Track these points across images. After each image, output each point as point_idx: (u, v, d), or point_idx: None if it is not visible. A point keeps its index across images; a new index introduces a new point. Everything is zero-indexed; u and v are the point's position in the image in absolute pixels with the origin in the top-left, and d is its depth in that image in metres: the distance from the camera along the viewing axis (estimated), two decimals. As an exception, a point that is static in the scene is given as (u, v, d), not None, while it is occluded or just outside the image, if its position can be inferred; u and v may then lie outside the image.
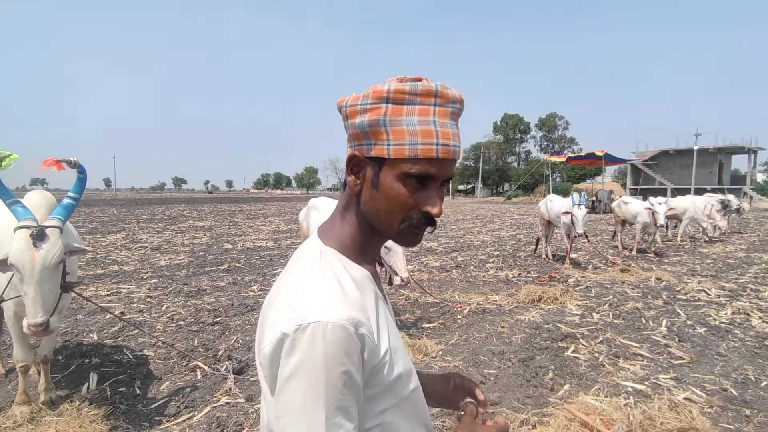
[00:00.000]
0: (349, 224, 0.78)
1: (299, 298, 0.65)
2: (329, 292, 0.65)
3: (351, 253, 0.76)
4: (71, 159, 2.44)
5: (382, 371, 0.68)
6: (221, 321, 4.71)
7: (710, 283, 6.60)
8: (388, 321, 0.75)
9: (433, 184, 0.70)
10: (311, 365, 0.58)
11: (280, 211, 24.94)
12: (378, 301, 0.74)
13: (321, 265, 0.71)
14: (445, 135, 0.68)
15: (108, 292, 5.81)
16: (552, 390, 3.20)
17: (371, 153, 0.71)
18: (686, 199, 11.69)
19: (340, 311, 0.62)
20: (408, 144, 0.68)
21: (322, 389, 0.58)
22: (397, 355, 0.72)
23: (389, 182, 0.70)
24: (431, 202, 0.70)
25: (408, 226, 0.72)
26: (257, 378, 3.00)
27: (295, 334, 0.59)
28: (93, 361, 3.66)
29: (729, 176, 45.74)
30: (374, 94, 0.70)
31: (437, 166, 0.69)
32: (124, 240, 11.16)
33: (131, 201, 39.27)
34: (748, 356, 3.84)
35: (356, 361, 0.61)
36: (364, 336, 0.63)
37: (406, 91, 0.68)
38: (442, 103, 0.69)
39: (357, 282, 0.71)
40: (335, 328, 0.60)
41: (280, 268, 6.25)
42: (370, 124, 0.70)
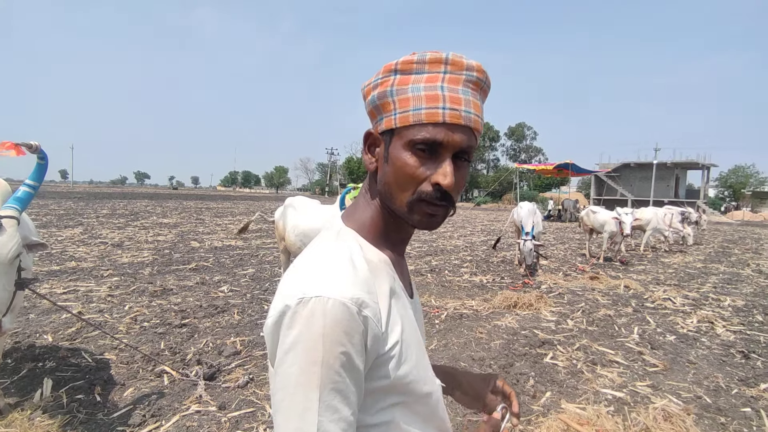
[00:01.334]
0: (369, 205, 0.74)
1: (305, 272, 0.63)
2: (336, 268, 0.62)
3: (370, 236, 0.72)
4: (32, 143, 2.21)
5: (388, 364, 0.63)
6: (189, 323, 4.46)
7: (675, 292, 6.83)
8: (405, 313, 0.69)
9: (444, 153, 0.65)
10: (308, 340, 0.56)
11: (248, 210, 24.31)
12: (395, 289, 0.69)
13: (335, 244, 0.68)
14: (454, 99, 0.64)
15: (64, 290, 5.43)
16: (534, 397, 3.18)
17: (382, 126, 0.68)
18: (649, 210, 12.15)
19: (344, 289, 0.59)
20: (412, 110, 0.64)
21: (317, 367, 0.56)
22: (409, 351, 0.67)
23: (397, 153, 0.66)
24: (441, 172, 0.64)
25: (418, 200, 0.66)
26: (229, 385, 2.82)
27: (297, 308, 0.58)
28: (47, 365, 3.36)
29: (684, 190, 48.15)
30: (384, 69, 0.68)
31: (445, 132, 0.64)
32: (82, 235, 10.55)
33: (90, 194, 37.43)
34: (717, 364, 3.96)
35: (357, 343, 0.58)
36: (367, 319, 0.59)
37: (413, 60, 0.65)
38: (453, 71, 0.65)
39: (372, 264, 0.67)
40: (336, 305, 0.57)
41: (251, 268, 6.06)
42: (379, 97, 0.67)
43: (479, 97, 0.67)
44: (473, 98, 0.66)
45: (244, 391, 3.09)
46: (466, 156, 0.67)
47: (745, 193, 58.49)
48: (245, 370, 3.42)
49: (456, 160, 0.66)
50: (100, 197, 32.45)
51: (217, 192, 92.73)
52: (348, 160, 75.89)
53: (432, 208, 0.66)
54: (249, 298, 5.54)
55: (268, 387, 3.15)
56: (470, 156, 0.68)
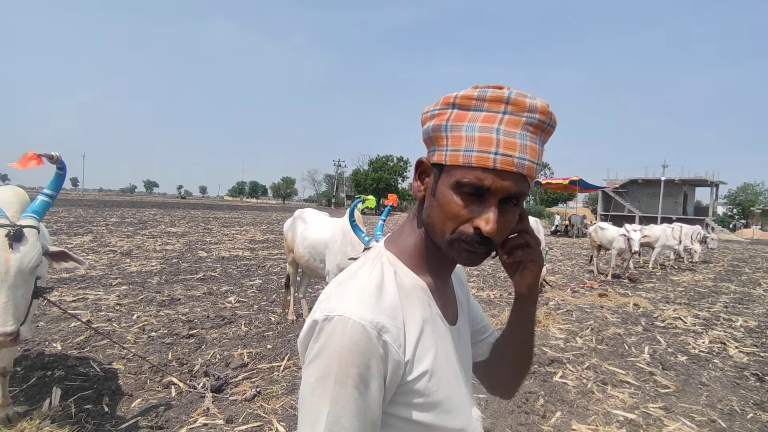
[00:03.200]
0: (414, 232, 0.75)
1: (337, 291, 0.65)
2: (363, 290, 0.64)
3: (410, 261, 0.72)
4: (53, 154, 2.25)
5: (413, 393, 0.63)
6: (197, 333, 4.47)
7: (685, 311, 6.74)
8: (440, 341, 0.69)
9: (491, 198, 0.63)
10: (326, 356, 0.59)
11: (255, 221, 24.42)
12: (430, 316, 0.69)
13: (370, 265, 0.70)
14: (509, 145, 0.62)
15: (73, 298, 5.46)
16: (544, 417, 3.14)
17: (433, 159, 0.68)
18: (659, 228, 12.05)
19: (366, 312, 0.60)
20: (463, 150, 0.63)
21: (330, 383, 0.58)
22: (441, 381, 0.66)
23: (444, 190, 0.66)
24: (484, 217, 0.63)
25: (458, 240, 0.65)
26: (237, 398, 2.82)
27: (323, 323, 0.60)
28: (56, 373, 3.37)
29: (693, 207, 47.79)
30: (443, 100, 0.67)
31: (494, 177, 0.62)
32: (91, 243, 10.64)
33: (99, 202, 37.82)
34: (730, 386, 3.88)
35: (374, 367, 0.59)
36: (387, 344, 0.60)
37: (474, 96, 0.64)
38: (514, 111, 0.62)
39: (404, 290, 0.68)
40: (355, 327, 0.59)
41: (258, 279, 6.07)
42: (434, 129, 0.67)
43: (539, 139, 0.65)
44: (531, 142, 0.63)
45: (252, 404, 3.08)
46: (515, 201, 0.65)
47: (755, 211, 57.90)
48: (252, 383, 3.41)
49: (503, 204, 0.64)
50: (110, 205, 32.77)
51: (224, 202, 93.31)
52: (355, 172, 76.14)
53: (472, 247, 0.65)
54: (256, 310, 5.54)
55: (275, 401, 3.14)
56: (520, 201, 0.66)
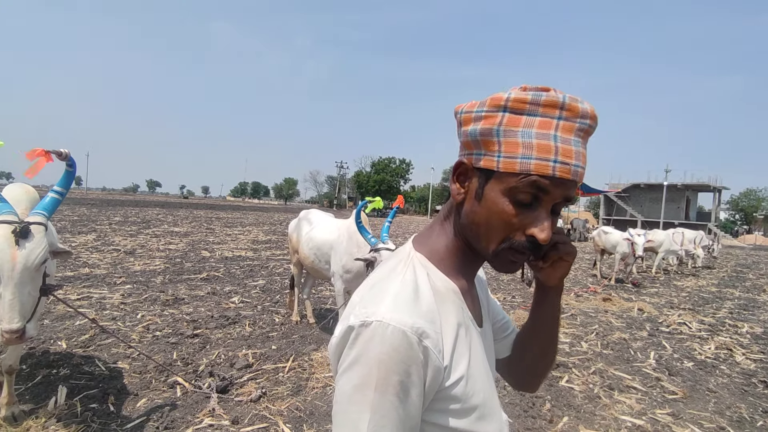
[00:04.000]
0: (445, 234, 0.72)
1: (371, 295, 0.63)
2: (400, 294, 0.61)
3: (442, 264, 0.70)
4: (62, 150, 2.24)
5: (451, 399, 0.62)
6: (201, 333, 4.45)
7: (690, 317, 6.71)
8: (473, 345, 0.68)
9: (544, 205, 0.62)
10: (365, 364, 0.57)
11: (258, 221, 24.43)
12: (463, 319, 0.67)
13: (403, 268, 0.67)
14: (566, 152, 0.60)
15: (78, 297, 5.46)
16: (551, 422, 3.11)
17: (480, 163, 0.65)
18: (663, 233, 12.01)
19: (405, 316, 0.58)
20: (521, 158, 0.61)
21: (370, 391, 0.56)
22: (476, 386, 0.65)
23: (494, 196, 0.63)
24: (539, 225, 0.62)
25: (507, 248, 0.64)
26: (242, 399, 2.80)
27: (359, 329, 0.58)
28: (61, 372, 3.36)
29: (695, 212, 47.66)
30: (491, 102, 0.64)
31: (551, 185, 0.60)
32: (95, 241, 10.65)
33: (103, 201, 37.92)
34: (739, 393, 3.85)
35: (414, 374, 0.57)
36: (427, 350, 0.58)
37: (527, 100, 0.61)
38: (568, 117, 0.61)
39: (439, 293, 0.66)
40: (395, 332, 0.57)
41: (261, 279, 6.05)
42: (483, 133, 0.64)
43: (585, 143, 0.64)
44: (582, 148, 0.62)
45: (257, 405, 3.06)
46: (562, 205, 0.65)
47: (757, 217, 57.74)
48: (257, 383, 3.39)
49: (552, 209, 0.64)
50: (113, 204, 32.84)
51: (226, 202, 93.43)
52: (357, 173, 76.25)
53: (516, 257, 0.64)
54: (260, 310, 5.53)
55: (280, 402, 3.13)
56: (568, 205, 0.66)
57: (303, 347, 4.25)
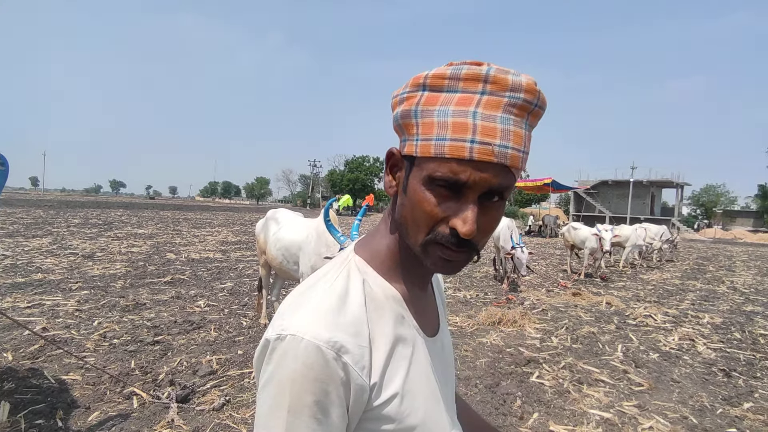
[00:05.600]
0: (388, 234, 0.65)
1: (292, 306, 0.57)
2: (320, 304, 0.55)
3: (383, 267, 0.63)
4: None
5: (381, 420, 0.55)
6: (162, 340, 4.25)
7: (655, 309, 6.89)
8: (415, 358, 0.60)
9: (469, 194, 0.54)
10: (278, 383, 0.51)
11: (228, 221, 23.88)
12: (401, 330, 0.60)
13: (334, 274, 0.60)
14: (487, 130, 0.52)
15: (28, 304, 5.13)
16: (521, 419, 3.10)
17: (404, 150, 0.58)
18: (629, 228, 12.36)
19: (321, 330, 0.52)
20: (435, 139, 0.53)
21: (283, 413, 0.50)
22: (414, 404, 0.57)
23: (415, 185, 0.56)
24: (461, 217, 0.53)
25: (432, 242, 0.56)
26: (204, 408, 2.65)
27: (275, 343, 0.53)
28: (5, 386, 3.12)
29: (660, 207, 49.57)
30: (412, 81, 0.57)
31: (471, 170, 0.52)
32: (50, 245, 10.12)
33: (61, 203, 36.28)
34: (700, 382, 3.95)
35: (332, 393, 0.51)
36: (347, 366, 0.52)
37: (446, 75, 0.54)
38: (493, 91, 0.52)
39: (375, 301, 0.59)
40: (309, 348, 0.51)
41: (229, 282, 5.84)
42: (402, 115, 0.58)
43: (525, 123, 0.54)
44: (515, 127, 0.53)
45: (220, 414, 2.92)
46: (498, 195, 0.56)
47: (716, 212, 60.50)
48: (221, 391, 3.25)
49: (484, 200, 0.55)
50: (73, 206, 31.45)
51: (195, 202, 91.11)
52: (331, 172, 75.71)
53: (448, 253, 0.56)
54: (227, 314, 5.34)
55: (245, 409, 3.00)
56: (505, 195, 0.56)
57: (270, 351, 4.11)
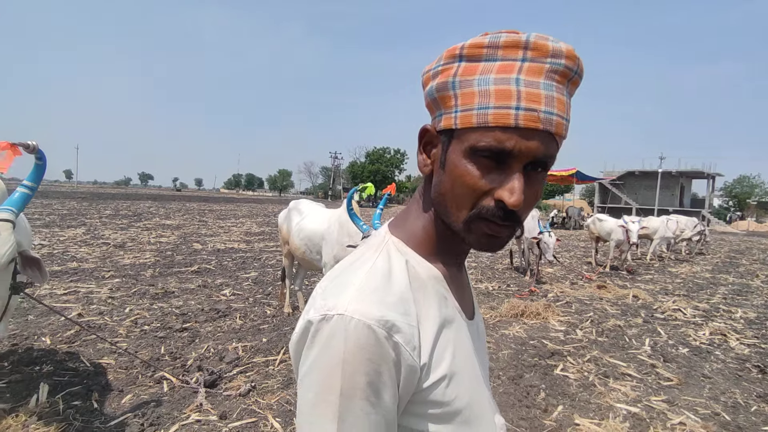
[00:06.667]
0: (422, 214, 0.63)
1: (334, 285, 0.55)
2: (367, 283, 0.53)
3: (421, 248, 0.61)
4: (29, 143, 2.12)
5: (430, 402, 0.54)
6: (191, 327, 4.37)
7: (684, 303, 6.70)
8: (459, 339, 0.59)
9: (514, 164, 0.52)
10: (326, 366, 0.49)
11: (251, 213, 24.27)
12: (447, 310, 0.58)
13: (373, 254, 0.58)
14: (532, 96, 0.50)
15: (64, 291, 5.35)
16: (546, 411, 3.07)
17: (440, 125, 0.56)
18: (657, 219, 12.01)
19: (372, 308, 0.50)
20: (477, 108, 0.52)
21: (335, 397, 0.48)
22: (461, 386, 0.56)
23: (455, 159, 0.54)
24: (507, 187, 0.52)
25: (477, 217, 0.54)
26: (231, 393, 2.72)
27: (318, 325, 0.50)
28: (44, 368, 3.27)
29: (689, 199, 47.91)
30: (447, 53, 0.55)
31: (517, 138, 0.51)
32: (84, 235, 10.49)
33: (93, 195, 37.50)
34: (733, 379, 3.83)
35: (385, 374, 0.49)
36: (399, 346, 0.50)
37: (484, 44, 0.52)
38: (534, 57, 0.51)
39: (417, 281, 0.57)
40: (359, 327, 0.49)
41: (253, 272, 5.95)
42: (438, 88, 0.55)
43: (566, 90, 0.53)
44: (558, 93, 0.52)
45: (246, 399, 3.00)
46: (542, 166, 0.54)
47: (751, 203, 58.12)
48: (247, 377, 3.33)
49: (529, 170, 0.54)
50: (104, 198, 32.50)
51: (220, 194, 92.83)
52: (352, 164, 75.89)
53: (493, 228, 0.55)
54: (251, 303, 5.45)
55: (270, 395, 3.06)
56: (548, 165, 0.55)
57: (294, 339, 4.18)
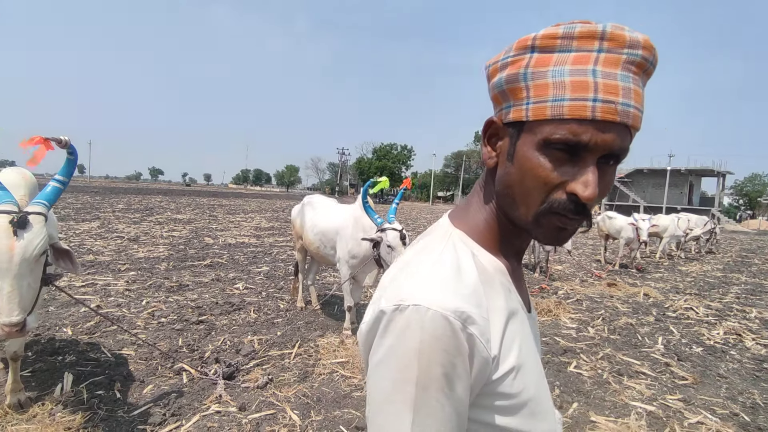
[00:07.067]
0: (484, 207, 0.63)
1: (405, 275, 0.55)
2: (440, 274, 0.53)
3: (484, 241, 0.62)
4: (62, 138, 2.16)
5: (499, 394, 0.54)
6: (206, 320, 4.43)
7: (696, 302, 6.66)
8: (523, 333, 0.59)
9: (588, 157, 0.52)
10: (402, 355, 0.49)
11: (260, 208, 24.40)
12: (512, 303, 0.59)
13: (438, 246, 0.59)
14: (609, 88, 0.50)
15: (83, 284, 5.44)
16: (560, 408, 3.08)
17: (509, 117, 0.56)
18: (667, 217, 11.91)
19: (447, 299, 0.50)
20: (552, 100, 0.51)
21: (410, 387, 0.48)
22: (527, 379, 0.56)
23: (526, 152, 0.54)
24: (582, 180, 0.51)
25: (548, 211, 0.54)
26: (249, 385, 2.76)
27: (392, 315, 0.51)
28: (67, 358, 3.34)
29: (698, 197, 47.41)
30: (518, 44, 0.55)
31: (593, 131, 0.50)
32: (99, 229, 10.62)
33: (106, 189, 37.89)
34: (750, 379, 3.82)
35: (459, 365, 0.49)
36: (473, 338, 0.50)
37: (558, 35, 0.52)
38: (611, 48, 0.50)
39: (485, 274, 0.57)
40: (436, 318, 0.49)
41: (265, 266, 5.99)
42: (508, 80, 0.55)
43: (641, 82, 0.52)
44: (634, 85, 0.51)
45: (264, 392, 3.04)
46: (615, 158, 0.54)
47: (762, 202, 57.36)
48: (264, 370, 3.37)
49: (601, 163, 0.53)
50: (116, 192, 32.83)
51: (228, 189, 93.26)
52: (359, 160, 75.95)
53: (563, 221, 0.54)
54: (264, 296, 5.50)
55: (287, 388, 3.10)
56: (621, 158, 0.54)
57: (308, 333, 4.23)
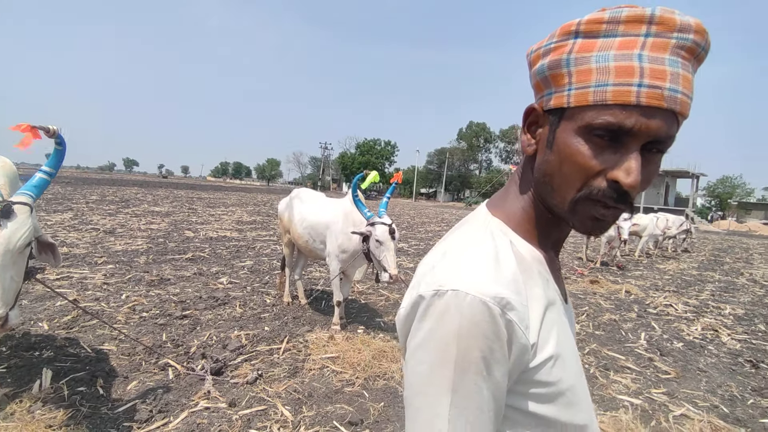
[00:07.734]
0: (522, 195, 0.62)
1: (444, 261, 0.55)
2: (479, 260, 0.53)
3: (521, 229, 0.60)
4: (50, 127, 2.05)
5: (537, 383, 0.53)
6: (190, 315, 4.32)
7: (675, 299, 6.85)
8: (561, 322, 0.58)
9: (632, 143, 0.50)
10: (441, 339, 0.49)
11: (241, 201, 24.02)
12: (550, 292, 0.58)
13: (481, 234, 0.58)
14: (656, 73, 0.48)
15: (57, 277, 5.23)
16: (551, 402, 3.11)
17: (550, 103, 0.54)
18: (646, 217, 12.21)
19: (486, 285, 0.50)
20: (594, 86, 0.49)
21: (449, 371, 0.48)
22: (566, 368, 0.55)
23: (566, 138, 0.52)
24: (624, 167, 0.50)
25: (586, 198, 0.52)
26: (238, 381, 2.68)
27: (431, 300, 0.51)
28: (44, 354, 3.20)
29: (674, 198, 48.84)
30: (561, 30, 0.53)
31: (638, 116, 0.48)
32: (72, 220, 10.27)
33: (77, 179, 36.67)
34: (728, 372, 3.93)
35: (497, 350, 0.49)
36: (512, 324, 0.50)
37: (603, 19, 0.50)
38: (660, 32, 0.48)
39: (523, 263, 0.56)
40: (474, 303, 0.49)
41: (248, 260, 5.87)
42: (550, 66, 0.53)
43: (692, 68, 0.51)
44: (683, 70, 0.49)
45: (254, 387, 2.97)
46: (659, 147, 0.52)
47: (732, 204, 59.46)
48: (252, 365, 3.30)
49: (645, 151, 0.51)
50: (89, 183, 31.81)
51: (207, 182, 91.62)
52: (342, 155, 75.54)
53: (602, 211, 0.53)
54: (249, 291, 5.40)
55: (277, 384, 3.04)
56: (665, 147, 0.52)
57: (297, 328, 4.17)
